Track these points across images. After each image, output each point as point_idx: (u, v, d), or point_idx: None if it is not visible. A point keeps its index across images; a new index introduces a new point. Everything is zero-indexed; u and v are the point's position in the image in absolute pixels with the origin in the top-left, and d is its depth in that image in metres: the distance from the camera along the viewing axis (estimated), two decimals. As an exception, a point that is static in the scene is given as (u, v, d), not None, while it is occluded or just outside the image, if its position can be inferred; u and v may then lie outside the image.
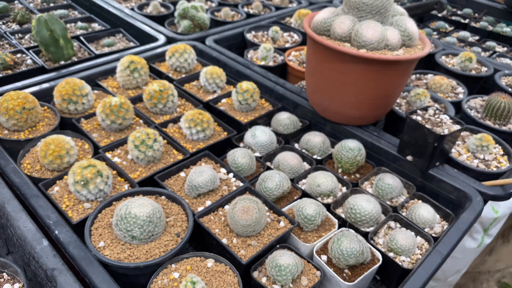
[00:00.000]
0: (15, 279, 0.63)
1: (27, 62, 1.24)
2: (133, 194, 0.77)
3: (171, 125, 1.00)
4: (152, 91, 0.99)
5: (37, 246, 0.64)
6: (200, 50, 1.31)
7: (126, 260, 0.66)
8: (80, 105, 0.98)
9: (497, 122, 1.09)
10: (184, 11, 1.49)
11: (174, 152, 0.92)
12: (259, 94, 1.07)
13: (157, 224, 0.69)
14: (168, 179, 0.85)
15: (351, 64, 0.88)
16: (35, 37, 1.20)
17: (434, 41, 1.52)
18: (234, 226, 0.72)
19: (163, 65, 1.25)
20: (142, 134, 0.84)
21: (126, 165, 0.87)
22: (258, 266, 0.69)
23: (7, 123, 0.90)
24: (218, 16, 1.70)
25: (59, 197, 0.77)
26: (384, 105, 0.99)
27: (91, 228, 0.71)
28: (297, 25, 1.63)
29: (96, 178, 0.75)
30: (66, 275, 0.60)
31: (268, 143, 0.95)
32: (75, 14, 1.63)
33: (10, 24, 1.49)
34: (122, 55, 1.21)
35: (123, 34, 1.48)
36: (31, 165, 0.85)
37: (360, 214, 0.78)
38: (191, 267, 0.67)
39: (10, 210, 0.70)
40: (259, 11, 1.78)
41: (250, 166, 0.88)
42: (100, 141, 0.92)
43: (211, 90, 1.14)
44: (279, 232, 0.74)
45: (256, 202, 0.72)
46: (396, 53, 0.90)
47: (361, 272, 0.71)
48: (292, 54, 1.41)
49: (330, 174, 0.87)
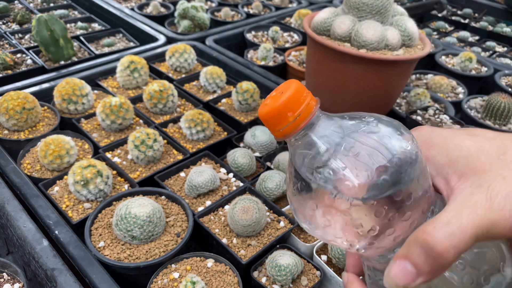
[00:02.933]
0: (15, 279, 0.63)
1: (27, 62, 1.24)
2: (133, 194, 0.77)
3: (171, 125, 1.00)
4: (152, 91, 0.99)
5: (37, 246, 0.64)
6: (200, 50, 1.31)
7: (126, 260, 0.66)
8: (80, 105, 0.98)
9: (497, 122, 1.09)
10: (184, 11, 1.49)
11: (174, 152, 0.92)
12: (259, 94, 1.07)
13: (157, 224, 0.69)
14: (168, 179, 0.85)
15: (351, 64, 0.88)
16: (35, 37, 1.20)
17: (434, 41, 1.52)
18: (234, 226, 0.72)
19: (163, 65, 1.25)
20: (142, 134, 0.84)
21: (126, 165, 0.87)
22: (258, 266, 0.69)
23: (7, 123, 0.90)
24: (218, 16, 1.70)
25: (59, 197, 0.77)
26: (384, 105, 0.99)
27: (91, 228, 0.71)
28: (297, 25, 1.63)
29: (96, 178, 0.75)
30: (66, 275, 0.60)
31: (268, 143, 0.95)
32: (75, 14, 1.63)
33: (10, 24, 1.49)
34: (122, 55, 1.21)
35: (123, 34, 1.48)
36: (31, 165, 0.85)
37: (360, 214, 0.78)
38: (191, 267, 0.67)
39: (10, 210, 0.70)
40: (259, 11, 1.78)
41: (250, 166, 0.88)
42: (100, 141, 0.92)
43: (211, 90, 1.14)
44: (279, 232, 0.74)
45: (256, 202, 0.72)
46: (396, 53, 0.90)
47: (361, 272, 0.71)
48: (292, 54, 1.41)
49: (330, 174, 0.87)
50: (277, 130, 0.29)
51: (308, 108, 0.29)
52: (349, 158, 0.27)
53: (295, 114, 0.28)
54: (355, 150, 0.27)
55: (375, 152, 0.27)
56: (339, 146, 0.28)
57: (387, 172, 0.27)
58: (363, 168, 0.27)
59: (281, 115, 0.28)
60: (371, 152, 0.27)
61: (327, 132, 0.29)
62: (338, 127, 0.29)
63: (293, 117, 0.28)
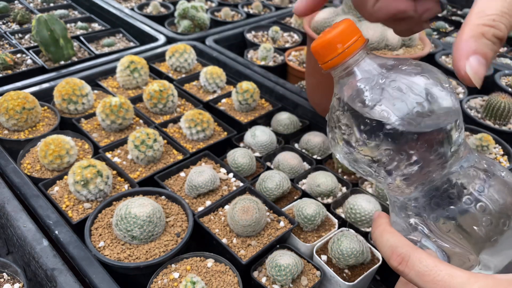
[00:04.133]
0: (15, 279, 0.64)
1: (27, 62, 1.24)
2: (133, 194, 0.77)
3: (171, 125, 1.00)
4: (152, 91, 0.99)
5: (37, 246, 0.64)
6: (200, 50, 1.31)
7: (126, 260, 0.66)
8: (80, 105, 0.98)
9: (497, 122, 1.09)
10: (184, 11, 1.49)
11: (174, 152, 0.92)
12: (259, 94, 1.07)
13: (157, 224, 0.69)
14: (168, 179, 0.85)
15: (351, 64, 0.88)
16: (35, 37, 1.20)
17: (434, 41, 1.52)
18: (234, 226, 0.72)
19: (163, 65, 1.25)
20: (142, 134, 0.84)
21: (126, 165, 0.87)
22: (258, 266, 0.69)
23: (7, 123, 0.90)
24: (218, 16, 1.70)
25: (59, 197, 0.77)
26: (384, 105, 0.99)
27: (91, 228, 0.71)
28: (297, 25, 1.63)
29: (96, 178, 0.75)
30: (66, 275, 0.60)
31: (268, 143, 0.95)
32: (75, 14, 1.63)
33: (10, 24, 1.49)
34: (122, 55, 1.21)
35: (123, 34, 1.48)
36: (31, 165, 0.85)
37: (360, 214, 0.78)
38: (191, 267, 0.67)
39: (10, 210, 0.70)
40: (259, 11, 1.78)
41: (250, 166, 0.88)
42: (100, 141, 0.92)
43: (211, 90, 1.14)
44: (279, 232, 0.74)
45: (256, 202, 0.72)
46: (396, 53, 0.90)
47: (361, 272, 0.71)
48: (292, 54, 1.41)
49: (330, 174, 0.87)
50: (326, 60, 0.32)
51: (358, 43, 0.32)
52: (390, 91, 0.30)
53: (345, 46, 0.31)
54: (397, 85, 0.30)
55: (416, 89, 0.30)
56: (382, 80, 0.31)
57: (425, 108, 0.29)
58: (403, 101, 0.30)
59: (332, 46, 0.32)
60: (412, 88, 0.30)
61: (372, 67, 0.32)
62: (383, 64, 0.32)
63: (342, 49, 0.31)
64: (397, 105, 0.30)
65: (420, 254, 0.29)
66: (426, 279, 0.28)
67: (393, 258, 0.30)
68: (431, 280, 0.28)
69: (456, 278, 0.27)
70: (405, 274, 0.29)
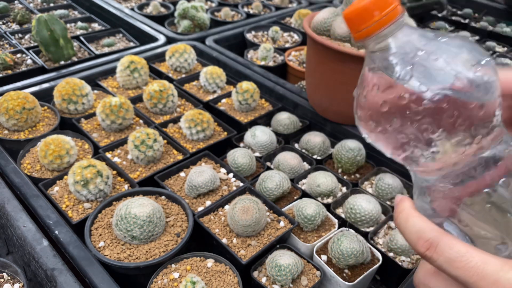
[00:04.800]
0: (15, 279, 0.64)
1: (27, 62, 1.24)
2: (133, 194, 0.77)
3: (171, 125, 1.00)
4: (152, 91, 0.99)
5: (37, 246, 0.64)
6: (200, 50, 1.31)
7: (126, 260, 0.66)
8: (80, 105, 0.98)
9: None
10: (184, 11, 1.49)
11: (174, 152, 0.92)
12: (259, 94, 1.07)
13: (157, 224, 0.69)
14: (168, 179, 0.85)
15: (351, 64, 0.88)
16: (35, 37, 1.20)
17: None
18: (234, 226, 0.72)
19: (163, 65, 1.25)
20: (142, 134, 0.84)
21: (126, 165, 0.87)
22: (258, 266, 0.69)
23: (7, 123, 0.90)
24: (218, 16, 1.70)
25: (59, 197, 0.77)
26: (384, 105, 0.99)
27: (91, 228, 0.71)
28: (297, 25, 1.63)
29: (96, 178, 0.75)
30: (66, 275, 0.60)
31: (268, 143, 0.95)
32: (75, 14, 1.63)
33: (10, 24, 1.49)
34: (122, 55, 1.21)
35: (123, 34, 1.48)
36: (31, 165, 0.85)
37: (360, 214, 0.78)
38: (191, 267, 0.67)
39: (10, 210, 0.70)
40: (259, 11, 1.78)
41: (250, 166, 0.88)
42: (100, 141, 0.92)
43: (211, 90, 1.14)
44: (279, 232, 0.74)
45: (256, 202, 0.72)
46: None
47: (361, 272, 0.71)
48: (292, 54, 1.41)
49: (330, 174, 0.87)
50: (361, 29, 0.30)
51: (395, 11, 0.29)
52: (429, 63, 0.29)
53: (382, 13, 0.29)
54: (436, 57, 0.29)
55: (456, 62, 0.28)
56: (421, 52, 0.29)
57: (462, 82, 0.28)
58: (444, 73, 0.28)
59: (368, 13, 0.29)
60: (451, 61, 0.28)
61: (409, 38, 0.30)
62: (420, 35, 0.30)
63: (379, 16, 0.29)
64: (437, 77, 0.28)
65: (450, 240, 0.28)
66: (457, 265, 0.27)
67: (420, 244, 0.29)
68: (463, 267, 0.26)
69: (489, 265, 0.26)
70: (433, 260, 0.28)
